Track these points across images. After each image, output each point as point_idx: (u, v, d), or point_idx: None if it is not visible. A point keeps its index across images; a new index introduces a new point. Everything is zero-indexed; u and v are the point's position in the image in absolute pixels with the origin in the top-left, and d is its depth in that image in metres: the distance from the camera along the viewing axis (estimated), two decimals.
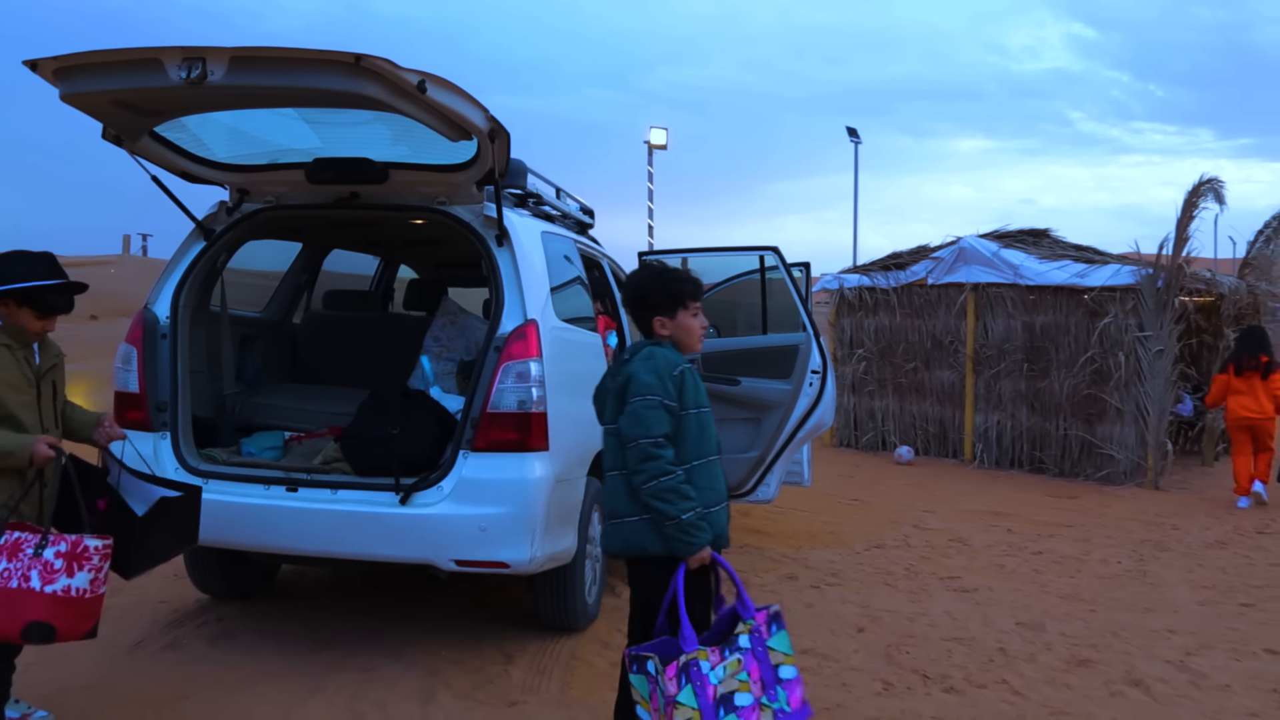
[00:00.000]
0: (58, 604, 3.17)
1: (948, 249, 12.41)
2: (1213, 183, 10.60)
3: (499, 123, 4.10)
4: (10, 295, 3.41)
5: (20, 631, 3.18)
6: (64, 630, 3.21)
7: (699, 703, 3.03)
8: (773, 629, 3.29)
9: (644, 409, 3.17)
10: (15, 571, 3.16)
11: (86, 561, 3.22)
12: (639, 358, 3.27)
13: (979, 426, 12.06)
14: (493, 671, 4.55)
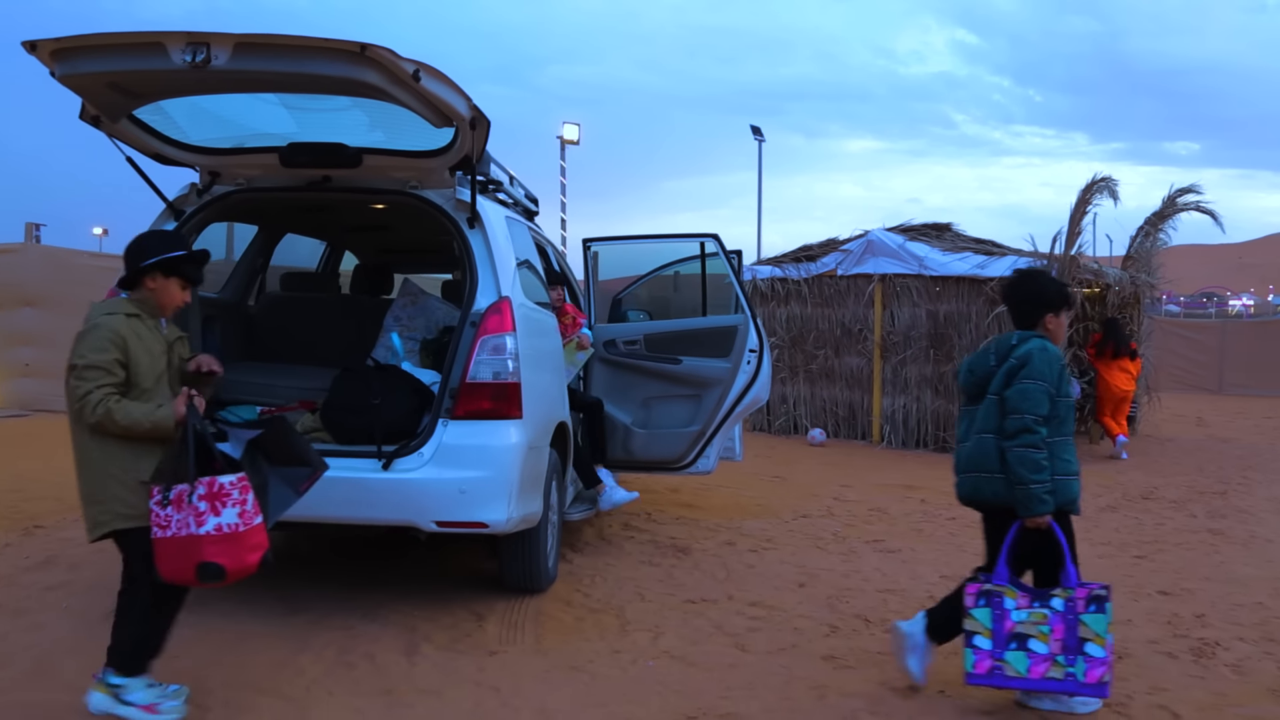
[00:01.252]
0: (215, 542, 3.42)
1: (856, 242, 13.03)
2: (1106, 181, 11.43)
3: (480, 111, 4.37)
4: (159, 267, 3.62)
5: (195, 573, 3.45)
6: (230, 566, 3.46)
7: (992, 626, 3.74)
8: (1090, 608, 3.76)
9: (1035, 390, 3.80)
10: (183, 520, 3.42)
11: (227, 498, 3.45)
12: (1033, 346, 3.89)
13: (887, 409, 12.70)
14: (468, 627, 4.82)
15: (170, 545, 3.45)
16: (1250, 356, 20.93)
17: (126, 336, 3.54)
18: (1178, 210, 12.81)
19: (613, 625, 4.96)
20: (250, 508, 3.52)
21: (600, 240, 7.19)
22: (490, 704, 3.92)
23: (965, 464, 4.08)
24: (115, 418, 3.45)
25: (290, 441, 3.86)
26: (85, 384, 3.45)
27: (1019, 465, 3.78)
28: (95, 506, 3.57)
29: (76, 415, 3.52)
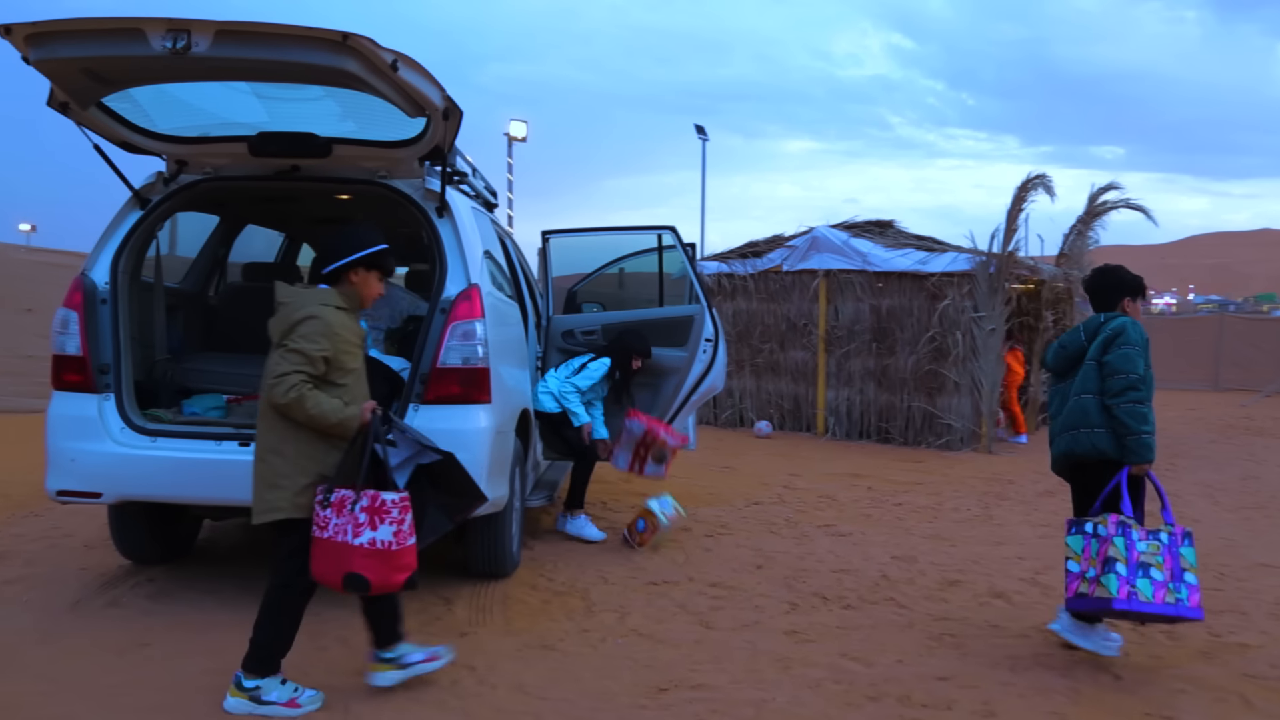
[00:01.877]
0: (366, 556, 3.49)
1: (801, 238, 13.27)
2: (1041, 178, 11.81)
3: (454, 102, 4.44)
4: (363, 261, 3.75)
5: (342, 581, 3.52)
6: (376, 581, 3.51)
7: (1126, 554, 4.12)
8: (1185, 541, 4.23)
9: (1134, 354, 4.36)
10: (342, 526, 3.51)
11: (386, 515, 3.51)
12: (1125, 321, 4.48)
13: (831, 402, 12.97)
14: (437, 611, 4.90)
15: (324, 547, 3.55)
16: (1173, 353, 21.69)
17: (338, 331, 3.65)
18: (1110, 208, 13.25)
19: (579, 607, 5.07)
20: (406, 528, 3.59)
21: (559, 232, 7.29)
22: (467, 681, 4.02)
23: (1063, 425, 4.58)
24: (305, 405, 3.52)
25: (459, 474, 3.94)
26: (287, 364, 3.54)
27: (1129, 418, 4.30)
28: (275, 492, 3.61)
29: (268, 390, 3.59)
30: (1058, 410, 4.63)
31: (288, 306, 3.65)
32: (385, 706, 3.75)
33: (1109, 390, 4.36)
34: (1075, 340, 4.61)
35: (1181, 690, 4.06)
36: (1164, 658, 4.46)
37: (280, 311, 3.66)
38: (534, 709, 3.75)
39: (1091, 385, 4.46)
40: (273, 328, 3.66)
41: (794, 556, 6.26)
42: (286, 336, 3.59)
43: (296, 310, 3.62)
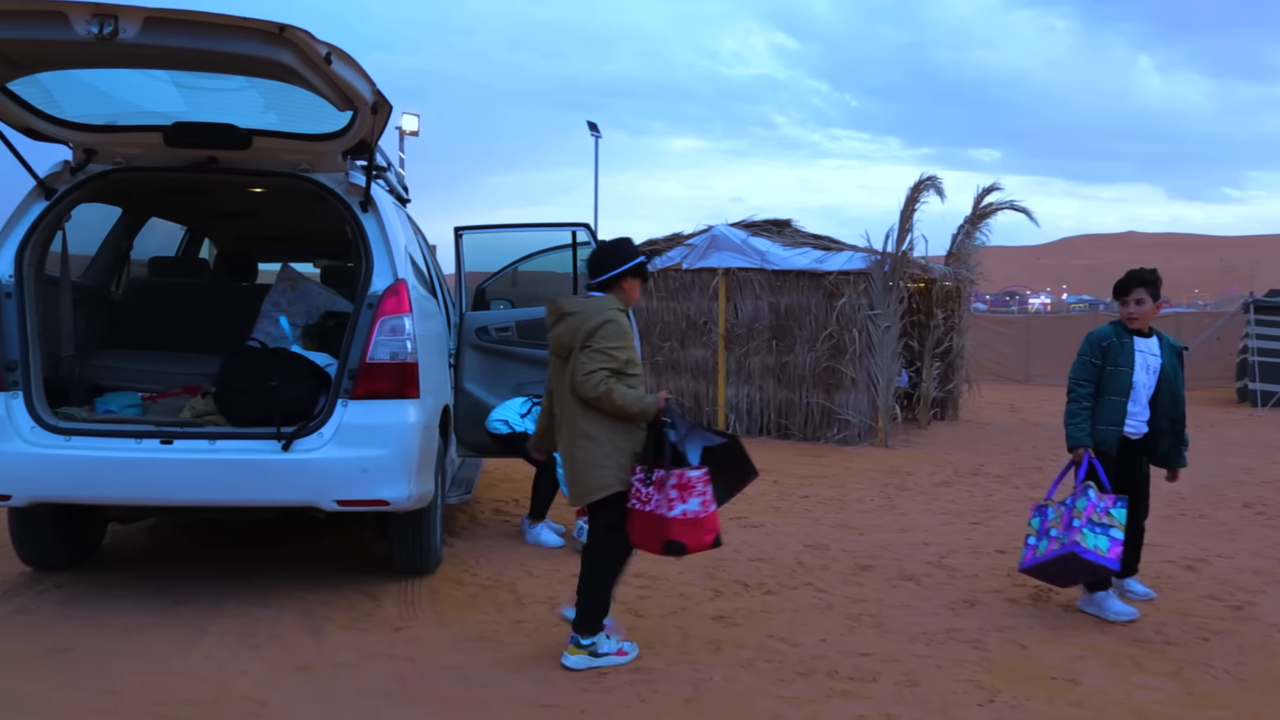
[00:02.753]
0: (681, 525, 3.95)
1: (701, 236, 13.50)
2: (932, 179, 12.29)
3: (383, 96, 4.44)
4: (633, 270, 4.24)
5: (662, 547, 4.01)
6: (691, 544, 4.01)
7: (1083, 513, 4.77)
8: (1118, 504, 4.82)
9: (1076, 364, 5.14)
10: (660, 501, 3.96)
11: (692, 489, 3.98)
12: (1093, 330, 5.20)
13: (731, 399, 13.23)
14: (366, 607, 4.88)
15: (644, 519, 4.02)
16: (1052, 349, 22.79)
17: (627, 331, 4.13)
18: (996, 210, 13.86)
19: (508, 600, 5.12)
20: (709, 498, 4.04)
21: (472, 229, 7.29)
22: (409, 672, 4.03)
23: None
24: (613, 397, 3.96)
25: (742, 455, 4.38)
26: (593, 363, 3.95)
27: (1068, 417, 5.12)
28: (602, 471, 4.05)
29: (577, 386, 3.98)
30: None
31: (579, 315, 4.07)
32: (333, 700, 3.74)
33: None
34: None
35: (1081, 656, 4.34)
36: (1063, 628, 4.76)
37: (572, 319, 4.08)
38: (480, 695, 3.79)
39: None
40: (565, 333, 4.08)
41: None
42: (589, 339, 4.00)
43: (592, 317, 4.04)
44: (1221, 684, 4.03)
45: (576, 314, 4.09)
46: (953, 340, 14.75)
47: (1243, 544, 6.68)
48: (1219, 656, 4.34)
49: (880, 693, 3.90)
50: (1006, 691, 3.90)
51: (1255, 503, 8.26)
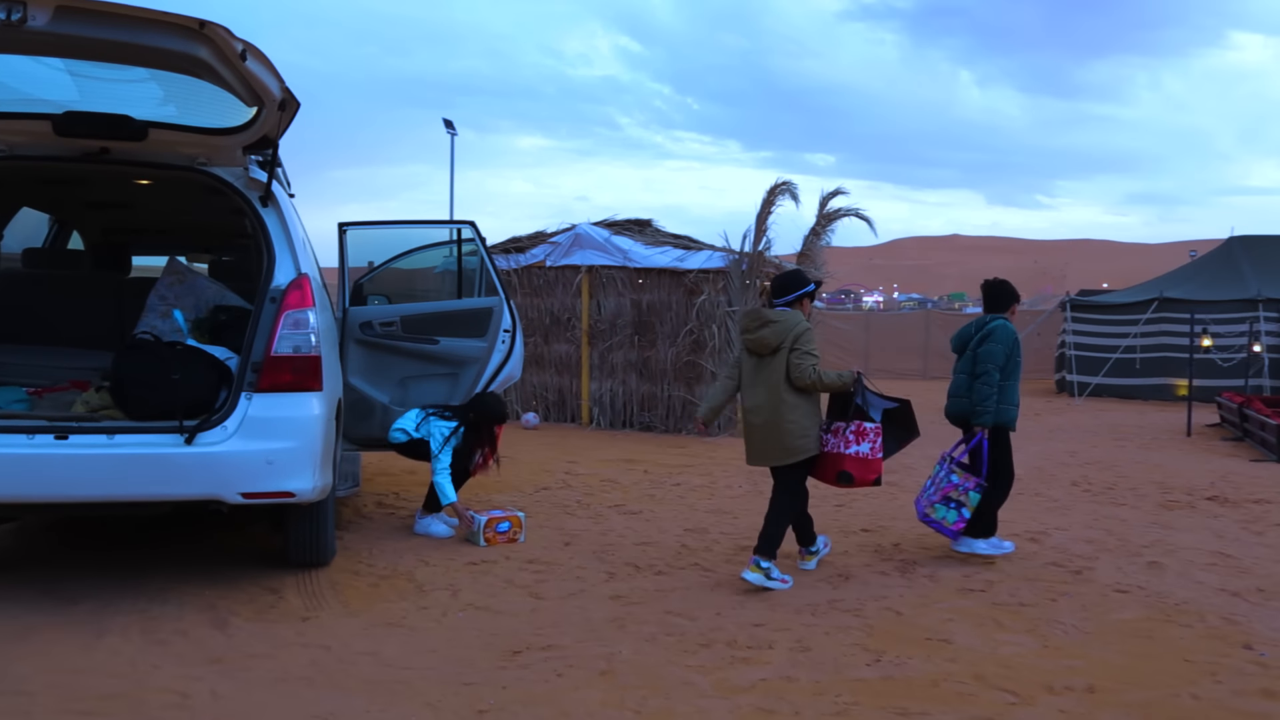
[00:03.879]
0: (853, 461, 5.32)
1: (564, 234, 13.73)
2: (787, 184, 12.88)
3: (291, 94, 4.47)
4: (807, 293, 5.64)
5: (835, 477, 5.38)
6: (859, 477, 5.33)
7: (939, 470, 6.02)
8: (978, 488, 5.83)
9: (998, 350, 5.91)
10: (836, 444, 5.40)
11: (865, 436, 5.33)
12: (1003, 322, 6.05)
13: (595, 393, 13.52)
14: (269, 600, 4.90)
15: (826, 458, 5.42)
16: (888, 344, 24.06)
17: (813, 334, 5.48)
18: (842, 214, 14.59)
19: (409, 588, 5.22)
20: (878, 446, 5.34)
21: (355, 225, 7.29)
22: (326, 659, 4.10)
23: (951, 392, 6.19)
24: (822, 379, 5.33)
25: (910, 417, 5.59)
26: (806, 360, 5.31)
27: (983, 398, 5.87)
28: (804, 439, 5.37)
29: (797, 377, 5.31)
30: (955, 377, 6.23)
31: (782, 324, 5.41)
32: (255, 688, 3.79)
33: (974, 373, 5.99)
34: (967, 332, 6.22)
35: (950, 619, 4.80)
36: (930, 595, 5.22)
37: (776, 326, 5.41)
38: (403, 677, 3.91)
39: (967, 367, 6.08)
40: (770, 336, 5.39)
41: (596, 534, 6.66)
42: (796, 342, 5.35)
43: (794, 326, 5.41)
44: (1071, 637, 4.55)
45: (779, 323, 5.41)
46: None
47: (1075, 518, 7.40)
48: (1067, 614, 4.88)
49: (777, 658, 4.23)
50: (889, 652, 4.30)
51: (1081, 481, 9.11)
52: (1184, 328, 16.66)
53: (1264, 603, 5.19)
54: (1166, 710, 3.71)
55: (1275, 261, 19.38)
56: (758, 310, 5.64)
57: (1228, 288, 18.73)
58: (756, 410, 5.46)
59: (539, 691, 3.81)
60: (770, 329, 5.40)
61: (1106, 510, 7.77)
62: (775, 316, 5.45)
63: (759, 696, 3.79)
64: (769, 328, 5.40)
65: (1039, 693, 3.86)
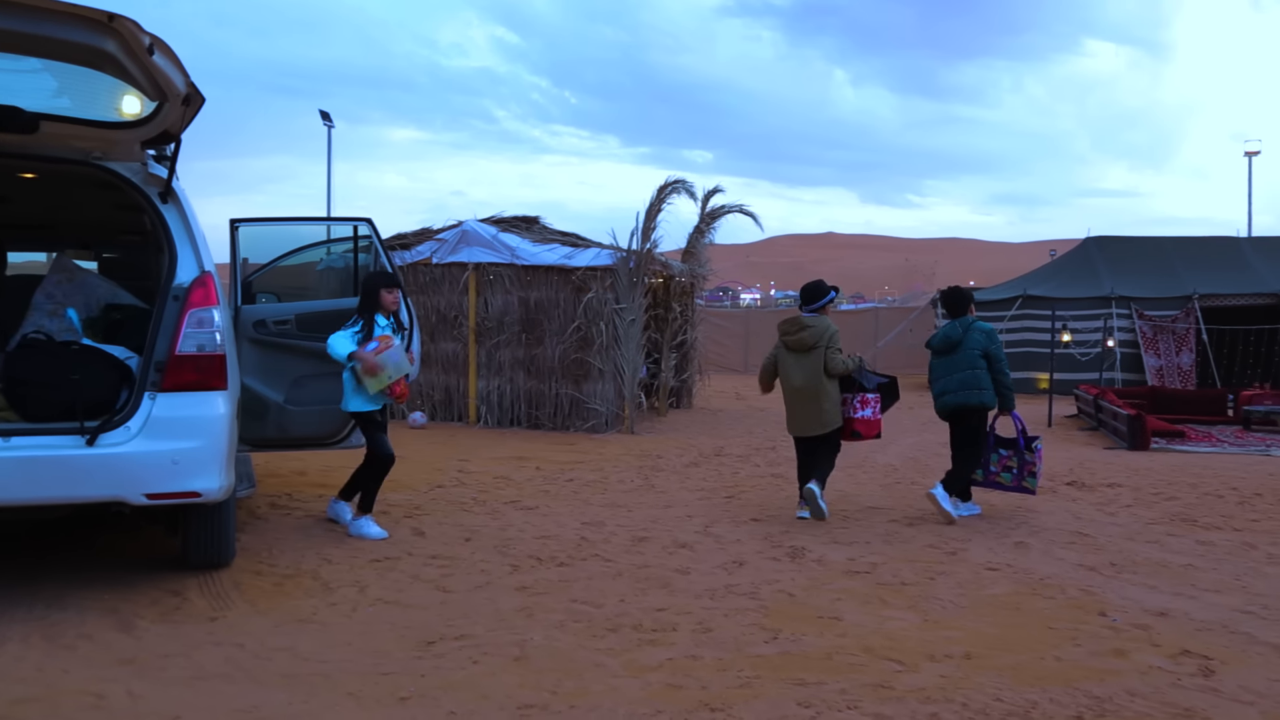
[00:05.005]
0: (860, 423, 7.08)
1: (451, 231, 13.71)
2: (681, 182, 13.18)
3: (196, 88, 4.46)
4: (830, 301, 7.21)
5: (849, 434, 7.12)
6: (865, 434, 7.13)
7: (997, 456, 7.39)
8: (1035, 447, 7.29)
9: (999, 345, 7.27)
10: (846, 411, 7.09)
11: (868, 404, 7.07)
12: (981, 323, 7.33)
13: (482, 390, 13.55)
14: (173, 602, 4.86)
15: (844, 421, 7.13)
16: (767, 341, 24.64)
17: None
18: (725, 212, 15.00)
19: (314, 586, 5.25)
20: (877, 410, 7.13)
21: (248, 221, 7.20)
22: (241, 656, 4.13)
23: (953, 389, 7.22)
24: (847, 367, 7.00)
25: (895, 387, 7.31)
26: (837, 355, 6.97)
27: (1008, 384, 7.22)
28: (835, 413, 7.04)
29: (833, 368, 6.97)
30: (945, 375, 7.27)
31: (816, 328, 7.03)
32: (173, 686, 3.79)
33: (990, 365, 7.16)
34: (955, 333, 7.28)
35: (839, 599, 5.12)
36: (820, 578, 5.54)
37: (811, 330, 7.02)
38: (322, 670, 3.98)
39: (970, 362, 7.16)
40: (808, 336, 7.02)
41: (495, 529, 6.77)
42: (830, 341, 6.98)
43: (826, 328, 7.03)
44: (949, 611, 4.91)
45: (813, 327, 7.03)
46: (687, 333, 15.82)
47: None
48: (944, 591, 5.26)
49: (681, 639, 4.45)
50: (785, 630, 4.57)
51: None
52: (1045, 324, 17.70)
53: (1116, 575, 5.68)
54: (1033, 671, 4.08)
55: (1127, 261, 20.72)
56: (796, 317, 7.14)
57: (1085, 286, 19.94)
58: (799, 393, 7.10)
59: (457, 678, 3.94)
60: (808, 332, 7.01)
61: (977, 496, 8.28)
62: (810, 322, 7.05)
63: (667, 674, 4.00)
64: (806, 331, 7.02)
65: (922, 661, 4.18)
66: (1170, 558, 6.14)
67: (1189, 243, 21.72)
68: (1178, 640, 4.49)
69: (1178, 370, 18.51)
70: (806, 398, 7.03)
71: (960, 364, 7.15)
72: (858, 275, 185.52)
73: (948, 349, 7.25)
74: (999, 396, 7.13)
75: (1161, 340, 18.69)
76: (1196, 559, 6.13)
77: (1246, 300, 18.80)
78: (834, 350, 6.93)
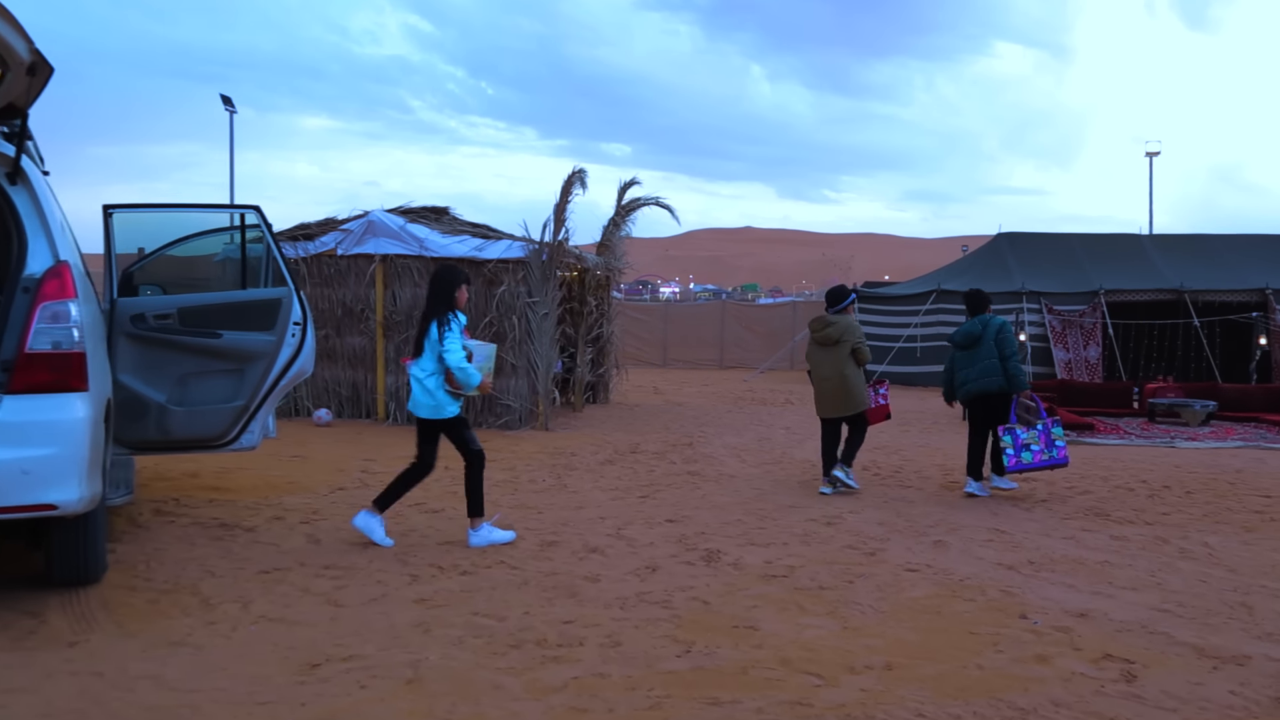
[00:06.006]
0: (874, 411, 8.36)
1: (357, 221, 13.19)
2: (581, 173, 12.85)
3: (43, 56, 4.01)
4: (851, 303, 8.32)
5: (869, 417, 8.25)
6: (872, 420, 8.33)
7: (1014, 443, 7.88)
8: (1052, 423, 7.93)
9: (1012, 337, 8.01)
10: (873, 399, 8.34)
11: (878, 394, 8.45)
12: (999, 320, 8.13)
13: (390, 387, 13.08)
14: (28, 625, 4.41)
15: None
16: (686, 335, 24.54)
17: None
18: (641, 204, 14.74)
19: (193, 603, 4.84)
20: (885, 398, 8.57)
21: (123, 207, 6.69)
22: (98, 688, 3.72)
23: (975, 377, 8.02)
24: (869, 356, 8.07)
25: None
26: (864, 346, 8.06)
27: (1016, 369, 7.90)
28: (862, 396, 8.05)
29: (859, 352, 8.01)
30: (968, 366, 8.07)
31: (840, 325, 8.05)
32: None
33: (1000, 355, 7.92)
34: (975, 329, 8.06)
35: (754, 606, 4.89)
36: (735, 583, 5.31)
37: (835, 326, 8.04)
38: (189, 701, 3.60)
39: (992, 354, 7.95)
40: (833, 332, 8.03)
41: (396, 534, 6.41)
42: (855, 336, 8.02)
43: (850, 326, 8.09)
44: (868, 618, 4.72)
45: (837, 324, 8.09)
46: (603, 327, 15.54)
47: (866, 501, 7.75)
48: (863, 595, 5.08)
49: (588, 655, 4.17)
50: (699, 643, 4.32)
51: (871, 466, 9.56)
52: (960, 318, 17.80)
53: (1035, 574, 5.58)
54: (956, 681, 3.90)
55: (1037, 257, 21.06)
56: (823, 316, 8.26)
57: (997, 281, 20.19)
58: (827, 380, 8.08)
59: (341, 705, 3.60)
60: (832, 328, 8.10)
61: (894, 493, 8.19)
62: (834, 319, 8.15)
63: (572, 695, 3.72)
64: (832, 327, 8.10)
65: (841, 673, 3.98)
66: (1086, 554, 6.07)
67: (1095, 239, 22.19)
68: (1099, 643, 4.37)
69: (1085, 364, 18.86)
70: (833, 385, 8.01)
71: (981, 356, 7.96)
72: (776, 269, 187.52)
73: (970, 343, 8.07)
74: (1010, 380, 7.92)
75: (1070, 334, 19.02)
76: (1112, 555, 6.07)
77: (1149, 296, 19.24)
78: (860, 343, 8.02)
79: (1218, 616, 4.82)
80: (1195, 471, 9.69)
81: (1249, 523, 7.20)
